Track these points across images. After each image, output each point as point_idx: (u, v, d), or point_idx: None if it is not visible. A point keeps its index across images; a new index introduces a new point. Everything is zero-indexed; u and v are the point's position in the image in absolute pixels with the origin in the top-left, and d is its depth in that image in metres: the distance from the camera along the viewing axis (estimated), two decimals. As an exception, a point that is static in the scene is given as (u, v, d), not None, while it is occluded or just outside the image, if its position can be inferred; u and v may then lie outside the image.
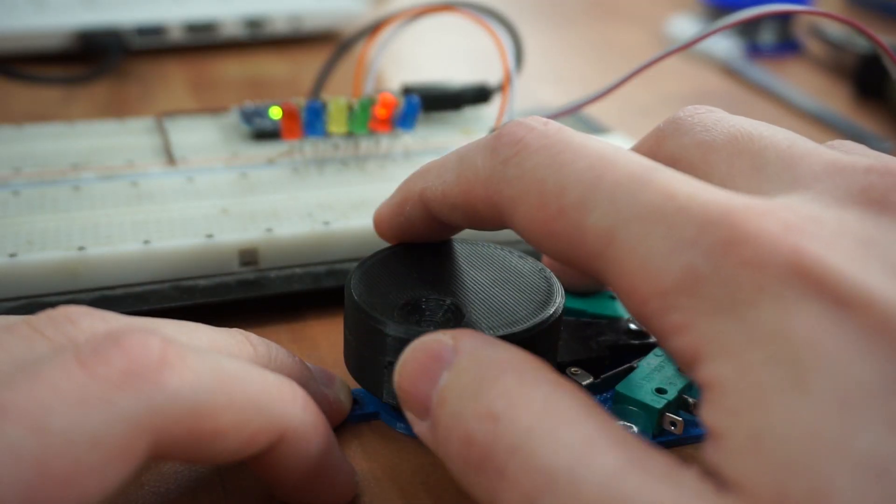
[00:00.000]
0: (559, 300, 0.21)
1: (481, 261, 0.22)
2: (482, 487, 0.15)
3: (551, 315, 0.20)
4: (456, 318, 0.20)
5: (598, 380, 0.22)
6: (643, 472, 0.14)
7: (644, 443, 0.15)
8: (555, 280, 0.22)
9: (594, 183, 0.16)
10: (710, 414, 0.14)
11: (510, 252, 0.23)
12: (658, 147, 0.19)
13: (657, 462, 0.14)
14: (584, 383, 0.22)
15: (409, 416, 0.18)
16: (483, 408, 0.16)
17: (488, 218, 0.19)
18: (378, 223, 0.22)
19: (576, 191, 0.16)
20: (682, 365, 0.15)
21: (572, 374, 0.22)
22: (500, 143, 0.18)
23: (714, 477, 0.14)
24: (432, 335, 0.18)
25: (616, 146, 0.17)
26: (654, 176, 0.16)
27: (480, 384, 0.16)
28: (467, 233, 0.23)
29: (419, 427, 0.17)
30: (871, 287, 0.14)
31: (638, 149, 0.20)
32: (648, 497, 0.14)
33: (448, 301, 0.21)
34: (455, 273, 0.22)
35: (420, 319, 0.20)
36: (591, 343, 0.23)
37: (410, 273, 0.21)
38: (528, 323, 0.20)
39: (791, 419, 0.13)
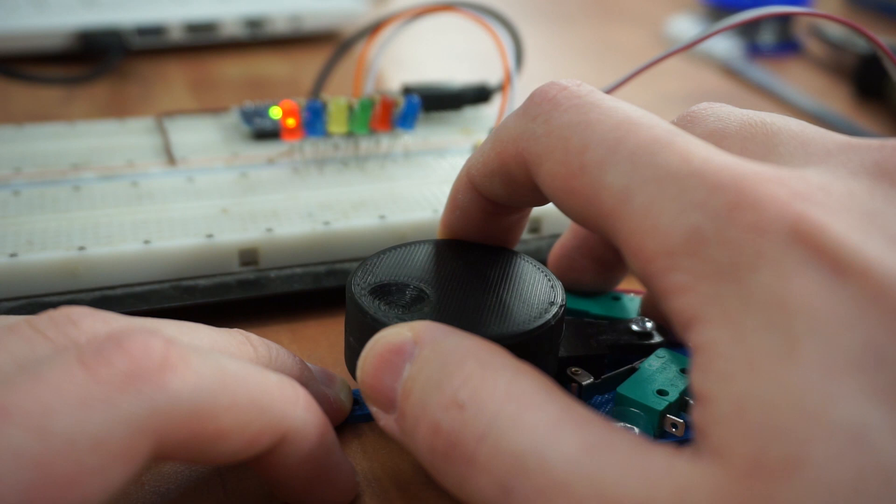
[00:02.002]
0: (560, 304, 0.21)
1: (485, 262, 0.22)
2: (452, 476, 0.16)
3: (552, 318, 0.20)
4: (424, 303, 0.20)
5: (599, 380, 0.22)
6: (610, 449, 0.14)
7: (609, 422, 0.15)
8: (557, 283, 0.22)
9: (617, 143, 0.16)
10: (701, 378, 0.14)
11: (514, 254, 0.23)
12: None
13: (624, 439, 0.15)
14: (585, 383, 0.22)
15: (374, 410, 0.18)
16: (447, 397, 0.16)
17: (521, 180, 0.19)
18: (440, 224, 0.23)
19: (599, 149, 0.16)
20: (679, 327, 0.15)
21: (572, 373, 0.22)
22: (533, 101, 0.18)
23: (691, 446, 0.14)
24: (391, 329, 0.18)
25: (643, 111, 0.17)
26: (675, 139, 0.16)
27: (443, 373, 0.16)
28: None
29: (384, 420, 0.18)
30: (871, 256, 0.14)
31: None
32: (617, 473, 0.14)
33: (417, 285, 0.21)
34: (458, 274, 0.22)
35: (390, 301, 0.20)
36: (592, 341, 0.23)
37: (412, 273, 0.21)
38: (529, 326, 0.20)
39: (777, 387, 0.13)
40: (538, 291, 0.21)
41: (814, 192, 0.15)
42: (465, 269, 0.22)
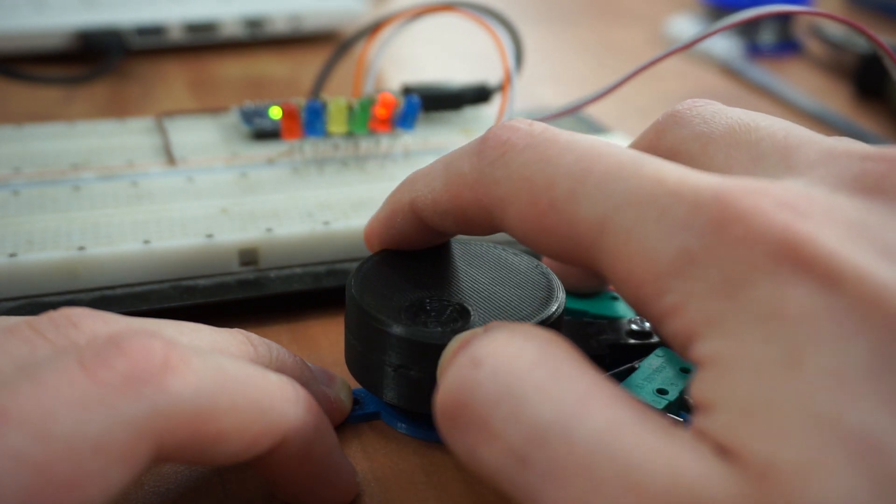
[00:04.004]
0: (560, 299, 0.21)
1: (482, 260, 0.22)
2: (462, 441, 0.15)
3: (553, 314, 0.20)
4: (462, 317, 0.20)
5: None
6: (639, 428, 0.14)
7: (639, 401, 0.15)
8: (555, 279, 0.22)
9: (583, 175, 0.16)
10: (704, 388, 0.14)
11: (510, 251, 0.23)
12: (657, 141, 0.20)
13: (653, 419, 0.14)
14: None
15: None
16: (466, 356, 0.15)
17: (480, 221, 0.19)
18: (369, 238, 0.22)
19: (565, 184, 0.16)
20: (677, 347, 0.15)
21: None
22: (486, 146, 0.18)
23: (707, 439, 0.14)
24: (470, 330, 0.18)
25: (602, 140, 0.17)
26: (643, 163, 0.16)
27: (470, 340, 0.16)
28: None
29: None
30: (862, 266, 0.14)
31: (637, 143, 0.20)
32: (645, 453, 0.14)
33: (454, 301, 0.21)
34: (456, 273, 0.22)
35: (427, 320, 0.20)
36: (592, 342, 0.23)
37: (411, 273, 0.21)
38: (529, 322, 0.20)
39: (785, 393, 0.13)
40: (536, 286, 0.21)
41: (797, 201, 0.15)
42: (464, 269, 0.22)
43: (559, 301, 0.20)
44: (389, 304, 0.20)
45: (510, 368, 0.15)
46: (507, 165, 0.17)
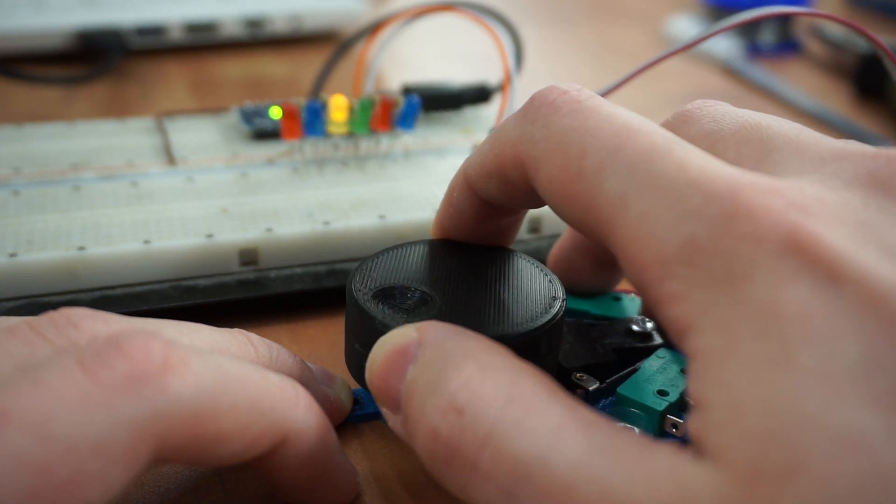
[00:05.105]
0: (561, 303, 0.21)
1: (485, 262, 0.22)
2: (454, 480, 0.16)
3: (553, 318, 0.20)
4: (430, 309, 0.20)
5: (604, 384, 0.22)
6: (615, 449, 0.14)
7: (613, 423, 0.15)
8: (557, 282, 0.22)
9: (615, 150, 0.16)
10: (697, 384, 0.14)
11: (511, 252, 0.23)
12: None
13: (628, 441, 0.15)
14: (591, 388, 0.22)
15: (384, 410, 0.18)
16: (445, 401, 0.16)
17: (517, 182, 0.19)
18: (434, 223, 0.23)
19: (597, 156, 0.16)
20: (674, 335, 0.15)
21: (578, 379, 0.22)
22: (532, 105, 0.18)
23: (693, 446, 0.14)
24: (398, 329, 0.18)
25: (642, 118, 0.17)
26: (673, 148, 0.16)
27: (441, 376, 0.16)
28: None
29: (392, 421, 0.18)
30: (864, 265, 0.14)
31: None
32: (623, 472, 0.14)
33: (420, 288, 0.21)
34: (457, 274, 0.22)
35: (394, 305, 0.20)
36: (597, 346, 0.23)
37: (412, 273, 0.21)
38: (529, 325, 0.20)
39: (774, 392, 0.13)
40: (538, 289, 0.21)
41: (809, 202, 0.15)
42: (463, 268, 0.22)
43: (559, 307, 0.20)
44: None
45: (489, 411, 0.15)
46: (548, 126, 0.18)
